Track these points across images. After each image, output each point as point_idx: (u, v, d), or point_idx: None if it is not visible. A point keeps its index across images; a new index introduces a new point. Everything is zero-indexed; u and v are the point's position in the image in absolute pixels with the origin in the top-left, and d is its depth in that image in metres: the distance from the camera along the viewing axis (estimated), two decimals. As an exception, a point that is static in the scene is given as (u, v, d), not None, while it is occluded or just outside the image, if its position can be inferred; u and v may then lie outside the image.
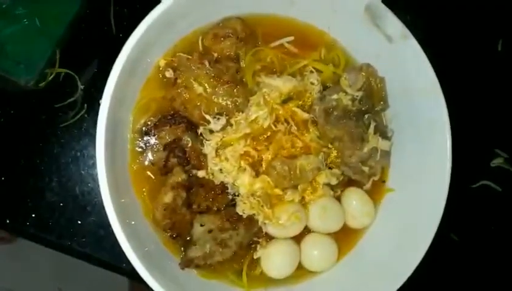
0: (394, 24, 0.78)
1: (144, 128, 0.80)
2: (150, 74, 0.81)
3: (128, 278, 0.91)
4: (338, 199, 0.85)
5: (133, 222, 0.75)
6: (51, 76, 0.89)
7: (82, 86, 0.91)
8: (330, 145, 0.83)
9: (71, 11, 0.88)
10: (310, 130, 0.82)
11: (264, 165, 0.80)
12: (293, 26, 0.86)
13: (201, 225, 0.79)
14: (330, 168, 0.83)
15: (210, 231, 0.78)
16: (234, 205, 0.81)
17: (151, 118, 0.81)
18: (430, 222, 0.79)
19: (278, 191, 0.80)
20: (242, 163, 0.78)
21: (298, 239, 0.83)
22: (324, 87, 0.85)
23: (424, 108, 0.81)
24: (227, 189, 0.81)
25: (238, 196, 0.80)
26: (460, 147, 0.80)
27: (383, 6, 0.78)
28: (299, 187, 0.81)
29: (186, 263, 0.77)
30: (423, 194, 0.81)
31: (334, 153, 0.83)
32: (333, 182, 0.83)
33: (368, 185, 0.86)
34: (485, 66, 1.01)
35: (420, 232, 0.80)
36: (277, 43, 0.85)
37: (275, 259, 0.81)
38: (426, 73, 0.79)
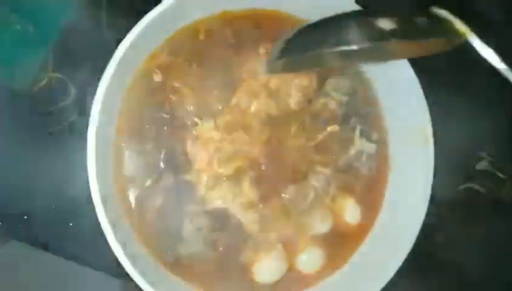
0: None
1: (133, 132, 0.81)
2: (138, 77, 0.81)
3: (121, 280, 0.90)
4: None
5: (118, 228, 0.75)
6: (44, 81, 0.90)
7: (74, 91, 0.92)
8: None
9: (64, 16, 0.90)
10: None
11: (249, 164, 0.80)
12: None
13: (190, 222, 0.79)
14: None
15: (199, 229, 0.78)
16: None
17: (140, 122, 0.81)
18: (411, 228, 0.79)
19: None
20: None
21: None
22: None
23: (406, 110, 0.82)
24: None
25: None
26: (444, 149, 0.81)
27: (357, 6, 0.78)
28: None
29: (173, 263, 0.78)
30: (407, 195, 0.82)
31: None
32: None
33: (357, 188, 0.86)
34: (466, 68, 0.98)
35: (402, 235, 0.80)
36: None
37: (263, 264, 0.81)
38: (406, 75, 0.80)
